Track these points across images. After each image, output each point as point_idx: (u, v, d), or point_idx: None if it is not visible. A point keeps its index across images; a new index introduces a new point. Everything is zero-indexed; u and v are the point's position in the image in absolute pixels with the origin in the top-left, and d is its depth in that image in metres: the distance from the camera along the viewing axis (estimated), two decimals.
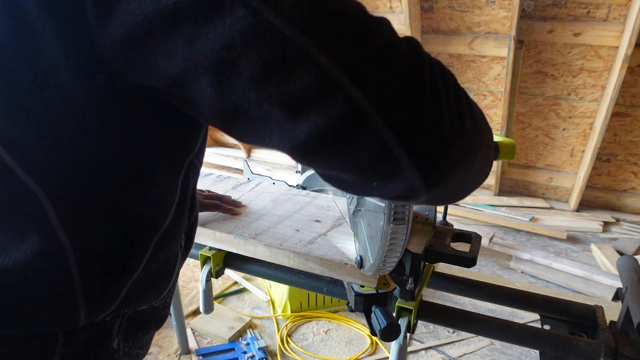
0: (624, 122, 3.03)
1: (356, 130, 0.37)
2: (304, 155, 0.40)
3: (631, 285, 0.96)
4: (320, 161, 0.40)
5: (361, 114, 0.36)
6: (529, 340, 0.92)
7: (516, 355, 1.95)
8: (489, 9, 2.86)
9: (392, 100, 0.37)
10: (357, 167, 0.40)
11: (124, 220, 0.49)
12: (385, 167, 0.39)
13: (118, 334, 0.57)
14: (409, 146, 0.38)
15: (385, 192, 0.42)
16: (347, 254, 0.88)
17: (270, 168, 4.32)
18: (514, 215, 3.26)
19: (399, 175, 0.39)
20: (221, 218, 1.03)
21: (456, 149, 0.40)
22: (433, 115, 0.38)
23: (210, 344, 2.00)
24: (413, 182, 0.39)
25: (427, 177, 0.39)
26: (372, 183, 0.42)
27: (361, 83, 0.36)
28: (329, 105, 0.36)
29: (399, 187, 0.40)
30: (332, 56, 0.35)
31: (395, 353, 1.00)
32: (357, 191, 0.45)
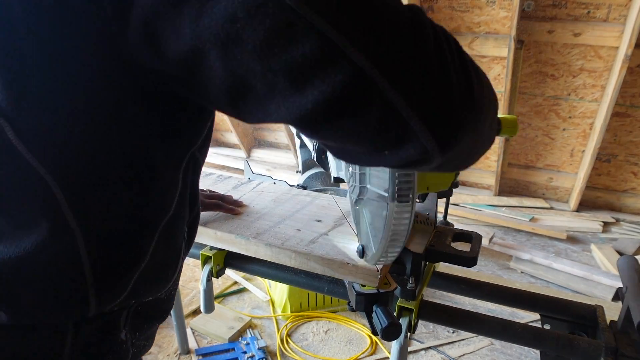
0: (624, 122, 3.03)
1: (362, 95, 0.36)
2: (311, 125, 0.39)
3: (631, 285, 0.96)
4: (329, 131, 0.40)
5: (366, 77, 0.36)
6: (530, 340, 0.92)
7: (516, 355, 1.95)
8: (489, 9, 2.87)
9: (396, 62, 0.36)
10: (366, 134, 0.39)
11: (130, 209, 0.50)
12: (395, 132, 0.38)
13: (125, 325, 0.58)
14: (418, 107, 0.37)
15: (397, 160, 0.41)
16: (349, 253, 0.88)
17: (270, 168, 4.32)
18: (514, 215, 3.26)
19: (411, 140, 0.38)
20: (222, 218, 1.03)
21: (466, 108, 0.40)
22: (439, 75, 0.38)
23: (210, 344, 2.00)
24: (426, 144, 0.38)
25: (441, 137, 0.38)
26: (384, 151, 0.41)
27: (364, 46, 0.35)
28: (333, 71, 0.35)
29: (411, 152, 0.39)
30: (333, 22, 0.35)
31: (395, 353, 1.00)
32: (369, 162, 0.44)
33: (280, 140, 4.50)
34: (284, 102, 0.38)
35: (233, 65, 0.37)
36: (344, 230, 0.99)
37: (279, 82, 0.37)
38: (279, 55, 0.36)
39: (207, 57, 0.38)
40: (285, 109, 0.38)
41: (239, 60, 0.37)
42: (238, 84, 0.39)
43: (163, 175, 0.52)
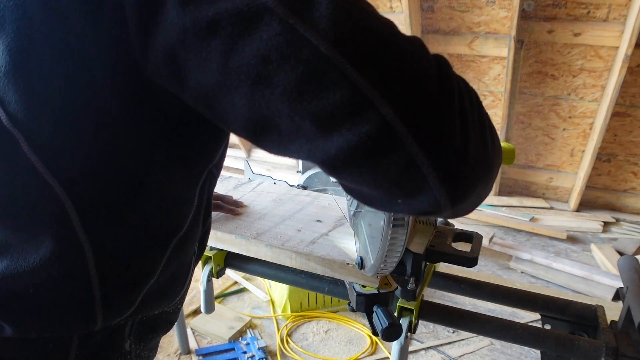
0: (624, 122, 3.03)
1: (386, 147, 0.37)
2: (332, 169, 0.40)
3: (632, 285, 0.96)
4: (348, 175, 0.41)
5: (392, 131, 0.37)
6: (530, 340, 0.92)
7: (516, 355, 1.95)
8: (489, 9, 2.87)
9: (423, 119, 0.37)
10: (384, 183, 0.40)
11: (144, 226, 0.49)
12: (412, 184, 0.40)
13: (130, 336, 0.57)
14: (437, 165, 0.38)
15: (409, 208, 0.43)
16: (349, 253, 0.88)
17: (270, 168, 4.32)
18: (514, 215, 3.26)
19: (425, 193, 0.40)
20: (223, 218, 1.03)
21: (479, 167, 0.42)
22: (461, 136, 0.39)
23: (210, 344, 2.00)
24: (439, 200, 0.40)
25: (453, 194, 0.40)
26: (397, 200, 0.42)
27: (393, 100, 0.36)
28: (360, 121, 0.36)
29: (424, 203, 0.41)
30: (365, 73, 0.36)
31: (396, 353, 1.00)
32: (381, 206, 0.45)
33: None
34: (307, 144, 0.39)
35: (260, 105, 0.38)
36: (345, 230, 0.99)
37: (305, 125, 0.38)
38: (308, 101, 0.36)
39: (232, 94, 0.38)
40: (307, 150, 0.40)
41: (266, 101, 0.37)
42: (262, 121, 0.39)
43: (180, 193, 0.51)
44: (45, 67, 0.40)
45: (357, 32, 0.37)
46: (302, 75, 0.36)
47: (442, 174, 0.39)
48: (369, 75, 0.36)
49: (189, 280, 0.63)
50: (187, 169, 0.51)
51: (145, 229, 0.50)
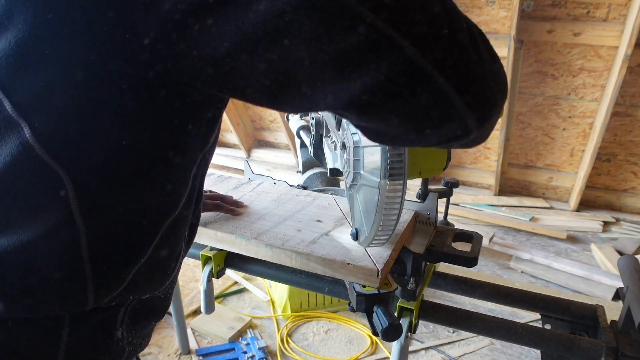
0: (624, 122, 3.03)
1: (409, 80, 0.39)
2: (358, 110, 0.42)
3: (632, 285, 0.96)
4: (375, 115, 0.42)
5: (413, 64, 0.38)
6: (531, 340, 0.92)
7: (516, 355, 1.95)
8: (489, 9, 2.87)
9: (439, 47, 0.39)
10: (412, 116, 0.42)
11: (139, 207, 0.50)
12: (440, 113, 0.42)
13: (122, 323, 0.58)
14: (461, 90, 0.41)
15: (438, 137, 0.45)
16: (348, 247, 0.88)
17: (270, 168, 4.32)
18: (514, 215, 3.26)
19: (453, 119, 0.42)
20: (223, 218, 1.03)
21: (498, 88, 0.44)
22: (476, 60, 0.41)
23: (210, 344, 2.00)
24: (467, 122, 0.42)
25: (481, 114, 0.43)
26: (426, 130, 0.44)
27: (409, 34, 0.38)
28: (381, 59, 0.38)
29: (453, 129, 0.43)
30: (379, 13, 0.37)
31: (396, 353, 1.00)
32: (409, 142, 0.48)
33: (280, 140, 4.50)
34: (331, 90, 0.40)
35: (280, 59, 0.39)
36: (345, 230, 0.99)
37: (326, 70, 0.39)
38: (327, 45, 0.38)
39: (251, 54, 0.39)
40: (332, 96, 0.41)
41: (286, 53, 0.39)
42: (283, 77, 0.40)
43: (176, 177, 0.52)
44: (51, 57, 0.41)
45: None
46: (317, 22, 0.37)
47: (468, 97, 0.41)
48: (383, 14, 0.37)
49: (178, 265, 0.63)
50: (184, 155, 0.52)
51: (140, 210, 0.51)
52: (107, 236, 0.50)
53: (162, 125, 0.47)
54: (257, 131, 4.59)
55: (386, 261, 0.85)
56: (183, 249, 0.63)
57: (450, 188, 1.11)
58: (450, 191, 1.12)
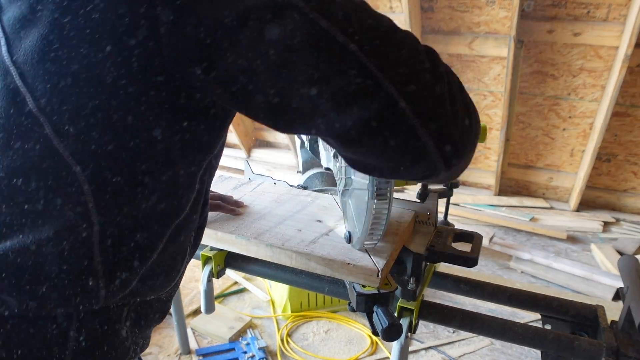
0: (624, 122, 3.03)
1: (392, 121, 0.45)
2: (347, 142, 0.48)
3: (632, 285, 0.96)
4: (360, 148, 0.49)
5: (396, 107, 0.45)
6: (531, 340, 0.92)
7: (516, 355, 1.95)
8: (489, 9, 2.87)
9: (420, 98, 0.46)
10: (389, 153, 0.48)
11: (148, 208, 0.52)
12: (412, 153, 0.48)
13: (126, 322, 0.59)
14: (434, 135, 0.47)
15: (410, 175, 0.52)
16: (349, 255, 0.88)
17: (270, 168, 4.32)
18: (514, 215, 3.26)
19: (424, 159, 0.48)
20: (223, 218, 1.03)
21: (467, 133, 0.51)
22: (451, 109, 0.48)
23: (210, 344, 2.00)
24: (436, 164, 0.49)
25: (448, 157, 0.49)
26: (399, 167, 0.50)
27: (396, 82, 0.45)
28: (371, 99, 0.44)
29: (423, 168, 0.50)
30: (374, 59, 0.44)
31: (396, 353, 1.00)
32: (385, 174, 0.53)
33: (280, 140, 4.50)
34: (324, 121, 0.46)
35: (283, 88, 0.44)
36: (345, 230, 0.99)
37: (323, 104, 0.45)
38: (327, 82, 0.44)
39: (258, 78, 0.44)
40: (325, 126, 0.47)
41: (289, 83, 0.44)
42: (283, 102, 0.46)
43: (184, 180, 0.54)
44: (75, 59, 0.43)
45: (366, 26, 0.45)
46: (322, 61, 0.43)
47: (439, 144, 0.48)
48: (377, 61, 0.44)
49: (183, 268, 0.65)
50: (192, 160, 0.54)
51: (149, 211, 0.52)
52: (119, 236, 0.51)
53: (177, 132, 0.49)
54: (257, 131, 4.59)
55: (386, 261, 0.85)
56: (188, 252, 0.64)
57: (451, 188, 1.11)
58: (450, 191, 1.12)
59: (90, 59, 0.43)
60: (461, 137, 0.50)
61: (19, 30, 0.45)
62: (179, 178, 0.53)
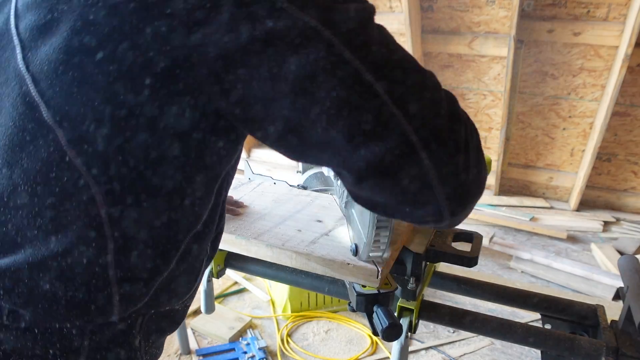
0: (624, 121, 3.03)
1: (406, 162, 0.44)
2: (358, 179, 0.47)
3: (632, 285, 0.96)
4: (370, 186, 0.47)
5: (413, 149, 0.44)
6: (531, 340, 0.92)
7: (516, 355, 1.95)
8: (489, 9, 2.87)
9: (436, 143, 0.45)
10: (399, 193, 0.47)
11: (163, 221, 0.51)
12: (422, 197, 0.47)
13: (140, 332, 0.58)
14: (445, 182, 0.46)
15: (414, 217, 0.51)
16: (349, 255, 0.88)
17: (270, 168, 4.32)
18: (514, 215, 3.26)
19: (431, 204, 0.48)
20: None
21: (476, 187, 0.50)
22: (464, 160, 0.47)
23: (210, 344, 2.00)
24: (442, 211, 0.48)
25: (455, 208, 0.48)
26: (405, 208, 0.49)
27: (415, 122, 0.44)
28: (387, 138, 0.43)
29: (428, 213, 0.49)
30: (395, 97, 0.43)
31: (396, 353, 1.00)
32: (388, 214, 0.52)
33: None
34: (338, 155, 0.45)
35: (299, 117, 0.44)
36: (345, 230, 0.99)
37: (338, 138, 0.44)
38: (345, 118, 0.43)
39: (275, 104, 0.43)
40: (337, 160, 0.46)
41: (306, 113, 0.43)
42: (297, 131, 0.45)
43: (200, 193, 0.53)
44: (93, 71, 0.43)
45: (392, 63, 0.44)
46: (342, 95, 0.42)
47: (448, 191, 0.47)
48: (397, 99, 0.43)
49: (199, 280, 0.64)
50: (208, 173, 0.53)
51: (164, 224, 0.51)
52: (133, 249, 0.50)
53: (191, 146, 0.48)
54: None
55: (386, 261, 0.85)
56: (204, 263, 0.64)
57: None
58: None
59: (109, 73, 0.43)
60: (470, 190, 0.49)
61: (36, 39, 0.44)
62: (195, 192, 0.52)
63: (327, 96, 0.42)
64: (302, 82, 0.41)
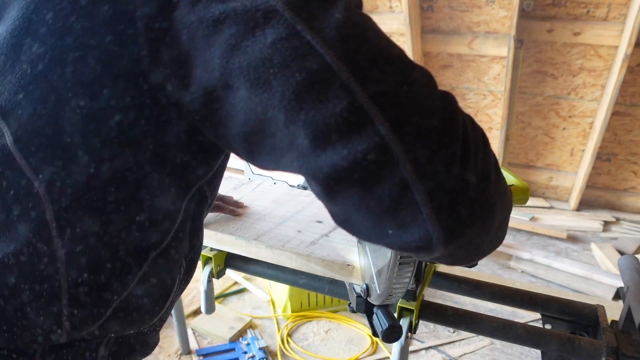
0: (624, 121, 3.03)
1: (381, 169, 0.36)
2: (324, 187, 0.38)
3: (632, 285, 0.96)
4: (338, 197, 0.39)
5: (389, 152, 0.35)
6: (531, 340, 0.92)
7: (516, 354, 1.95)
8: (489, 9, 2.86)
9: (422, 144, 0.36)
10: (375, 208, 0.38)
11: (120, 237, 0.46)
12: (404, 213, 0.37)
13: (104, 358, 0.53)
14: (433, 193, 0.36)
15: (399, 242, 0.40)
16: (349, 256, 0.88)
17: None
18: (514, 215, 3.26)
19: (417, 224, 0.37)
20: (223, 219, 1.03)
21: (478, 205, 0.39)
22: (461, 167, 0.37)
23: (210, 344, 2.00)
24: (431, 233, 0.37)
25: (447, 228, 0.37)
26: (388, 230, 0.39)
27: (394, 121, 0.35)
28: (358, 138, 0.35)
29: (415, 236, 0.38)
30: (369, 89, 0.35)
31: (396, 353, 1.00)
32: (370, 237, 0.42)
33: None
34: (299, 157, 0.38)
35: (256, 110, 0.37)
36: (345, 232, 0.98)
37: (299, 137, 0.36)
38: (306, 111, 0.35)
39: (230, 96, 0.38)
40: (298, 164, 0.38)
41: (263, 106, 0.37)
42: (257, 129, 0.39)
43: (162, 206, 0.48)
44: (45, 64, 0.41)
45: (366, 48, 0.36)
46: (302, 83, 0.35)
47: (437, 204, 0.36)
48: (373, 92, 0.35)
49: (171, 301, 0.57)
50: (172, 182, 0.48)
51: (122, 240, 0.47)
52: (85, 265, 0.45)
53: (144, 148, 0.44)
54: None
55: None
56: (178, 285, 0.57)
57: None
58: None
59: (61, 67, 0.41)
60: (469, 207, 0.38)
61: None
62: (157, 204, 0.47)
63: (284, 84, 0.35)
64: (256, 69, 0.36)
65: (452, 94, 0.40)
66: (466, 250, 0.43)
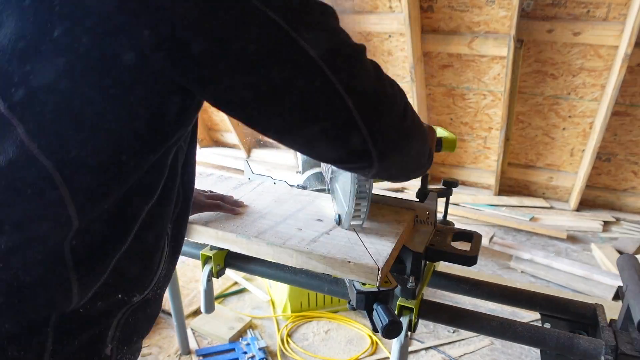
0: (624, 121, 3.03)
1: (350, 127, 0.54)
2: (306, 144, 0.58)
3: (631, 284, 0.96)
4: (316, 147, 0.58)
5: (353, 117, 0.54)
6: (530, 339, 0.92)
7: (516, 354, 1.95)
8: (489, 9, 2.87)
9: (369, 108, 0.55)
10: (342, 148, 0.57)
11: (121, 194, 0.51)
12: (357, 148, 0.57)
13: (113, 339, 0.57)
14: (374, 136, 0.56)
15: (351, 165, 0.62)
16: (350, 253, 0.88)
17: (270, 168, 4.32)
18: (514, 215, 3.26)
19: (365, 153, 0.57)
20: (223, 217, 1.03)
21: (401, 134, 0.61)
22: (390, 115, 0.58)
23: (210, 344, 2.01)
24: (372, 155, 0.57)
25: (381, 151, 0.58)
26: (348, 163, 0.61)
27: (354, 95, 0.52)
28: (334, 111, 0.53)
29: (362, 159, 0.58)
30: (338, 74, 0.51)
31: (396, 352, 1.00)
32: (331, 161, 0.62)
33: None
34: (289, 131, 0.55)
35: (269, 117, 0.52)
36: (345, 231, 0.99)
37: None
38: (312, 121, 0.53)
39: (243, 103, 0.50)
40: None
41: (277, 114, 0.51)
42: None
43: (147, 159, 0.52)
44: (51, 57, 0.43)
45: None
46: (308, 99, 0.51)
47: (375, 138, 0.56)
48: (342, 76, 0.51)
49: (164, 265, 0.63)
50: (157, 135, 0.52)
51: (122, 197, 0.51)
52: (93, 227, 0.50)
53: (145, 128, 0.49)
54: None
55: (386, 259, 0.85)
56: (167, 247, 0.63)
57: (449, 188, 1.12)
58: (449, 191, 1.12)
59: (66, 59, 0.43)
60: (396, 135, 0.59)
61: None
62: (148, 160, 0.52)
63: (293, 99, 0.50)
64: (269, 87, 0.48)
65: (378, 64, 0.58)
66: (395, 167, 0.64)
